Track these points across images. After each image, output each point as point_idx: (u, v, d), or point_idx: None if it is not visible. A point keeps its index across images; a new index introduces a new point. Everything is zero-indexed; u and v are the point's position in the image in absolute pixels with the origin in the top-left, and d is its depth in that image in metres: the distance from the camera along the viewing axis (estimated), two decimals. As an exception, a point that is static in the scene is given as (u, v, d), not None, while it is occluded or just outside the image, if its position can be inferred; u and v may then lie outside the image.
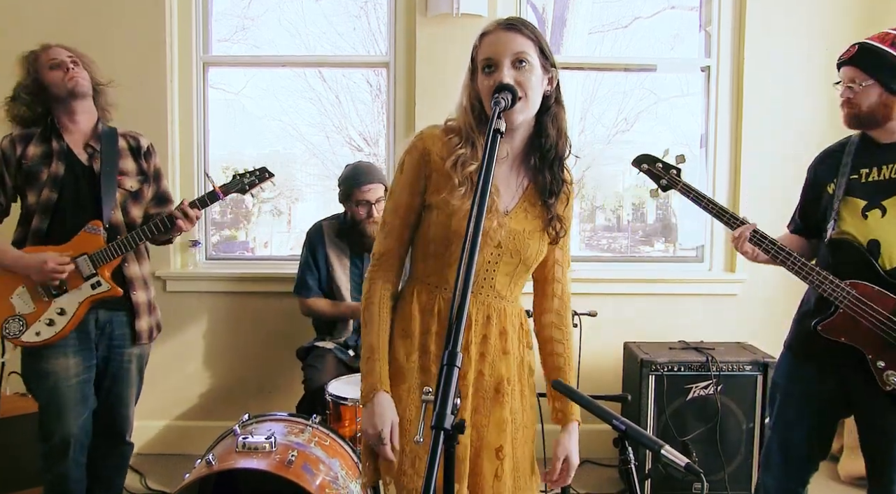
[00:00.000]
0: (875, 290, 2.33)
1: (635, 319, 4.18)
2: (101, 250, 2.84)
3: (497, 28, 1.78)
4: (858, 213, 2.41)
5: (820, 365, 2.49)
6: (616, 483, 3.85)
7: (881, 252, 2.36)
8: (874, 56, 2.35)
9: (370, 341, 1.87)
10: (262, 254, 4.86)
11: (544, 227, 1.88)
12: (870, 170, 2.43)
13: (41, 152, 2.87)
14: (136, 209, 3.02)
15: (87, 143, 2.93)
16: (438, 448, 1.19)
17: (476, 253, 1.34)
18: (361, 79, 4.79)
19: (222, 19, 4.56)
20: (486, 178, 1.42)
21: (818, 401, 2.53)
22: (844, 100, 2.43)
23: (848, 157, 2.49)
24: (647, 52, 4.74)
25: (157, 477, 3.85)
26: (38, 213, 2.83)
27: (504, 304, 1.89)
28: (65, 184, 2.85)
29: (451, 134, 1.85)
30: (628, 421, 1.64)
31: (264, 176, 3.07)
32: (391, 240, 1.90)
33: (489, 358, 1.86)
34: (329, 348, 3.58)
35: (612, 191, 5.09)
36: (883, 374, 2.31)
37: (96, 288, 2.86)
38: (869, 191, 2.41)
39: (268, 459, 2.36)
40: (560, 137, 1.87)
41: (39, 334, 2.82)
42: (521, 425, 1.92)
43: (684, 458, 1.54)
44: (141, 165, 3.05)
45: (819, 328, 2.40)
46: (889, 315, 2.31)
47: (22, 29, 3.91)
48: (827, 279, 2.37)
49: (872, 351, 2.33)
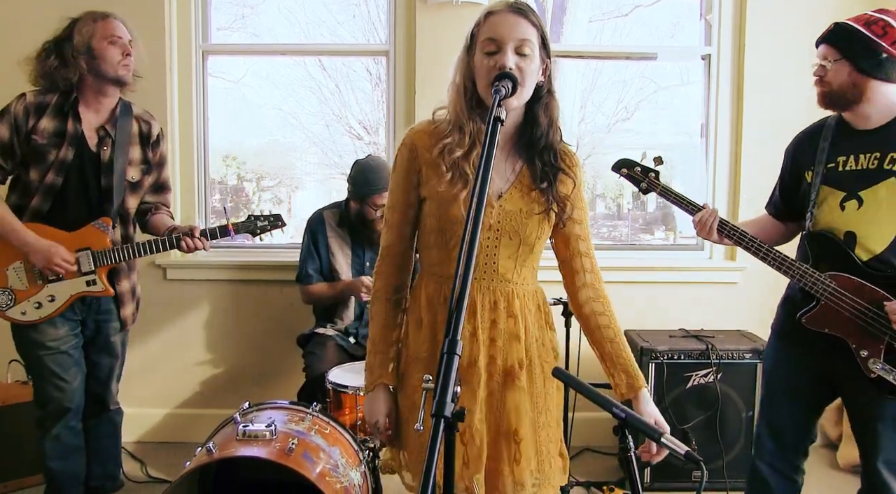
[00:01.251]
0: (855, 281, 2.35)
1: (635, 307, 4.18)
2: (105, 250, 2.85)
3: (505, 9, 1.78)
4: (836, 204, 2.41)
5: (805, 350, 2.51)
6: (616, 471, 3.86)
7: (858, 243, 2.37)
8: (846, 34, 2.34)
9: (372, 335, 1.95)
10: (262, 243, 4.84)
11: (545, 209, 1.88)
12: (847, 158, 2.42)
13: (53, 129, 2.81)
14: (132, 199, 3.02)
15: (101, 126, 2.90)
16: (438, 435, 1.20)
17: (476, 241, 1.34)
18: (361, 67, 4.78)
19: (221, 7, 4.54)
20: (486, 166, 1.42)
21: (804, 385, 2.56)
22: (817, 79, 2.42)
23: (825, 143, 2.48)
24: (647, 40, 4.73)
25: (158, 465, 3.86)
26: (40, 194, 2.82)
27: (511, 288, 1.89)
28: (70, 169, 2.83)
29: (439, 122, 1.89)
30: (628, 409, 1.64)
31: (277, 223, 3.14)
32: (392, 235, 1.96)
33: (500, 343, 1.87)
34: (330, 335, 3.59)
35: (612, 179, 5.07)
36: (867, 362, 2.33)
37: (91, 285, 2.87)
38: (847, 181, 2.40)
39: (268, 447, 2.37)
40: (551, 127, 1.88)
41: (25, 314, 2.84)
42: (544, 408, 1.92)
43: (684, 446, 1.54)
44: (147, 154, 3.03)
45: (803, 320, 2.42)
46: (868, 305, 2.33)
47: (21, 14, 3.90)
48: (807, 273, 2.39)
49: (855, 340, 2.36)
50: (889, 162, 2.33)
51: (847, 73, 2.34)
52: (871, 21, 2.32)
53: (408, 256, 1.99)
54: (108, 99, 2.90)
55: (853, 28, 2.34)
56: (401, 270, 1.98)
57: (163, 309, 4.17)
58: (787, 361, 2.61)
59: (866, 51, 2.32)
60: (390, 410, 1.93)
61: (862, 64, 2.32)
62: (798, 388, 2.57)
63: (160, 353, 4.20)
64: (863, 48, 2.32)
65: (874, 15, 2.34)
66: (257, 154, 4.98)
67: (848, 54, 2.33)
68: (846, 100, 2.38)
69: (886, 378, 2.30)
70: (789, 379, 2.59)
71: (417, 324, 1.93)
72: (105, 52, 2.79)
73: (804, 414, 2.60)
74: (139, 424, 4.19)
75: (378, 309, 1.96)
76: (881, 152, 2.35)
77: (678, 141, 4.79)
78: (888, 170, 2.33)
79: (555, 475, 1.94)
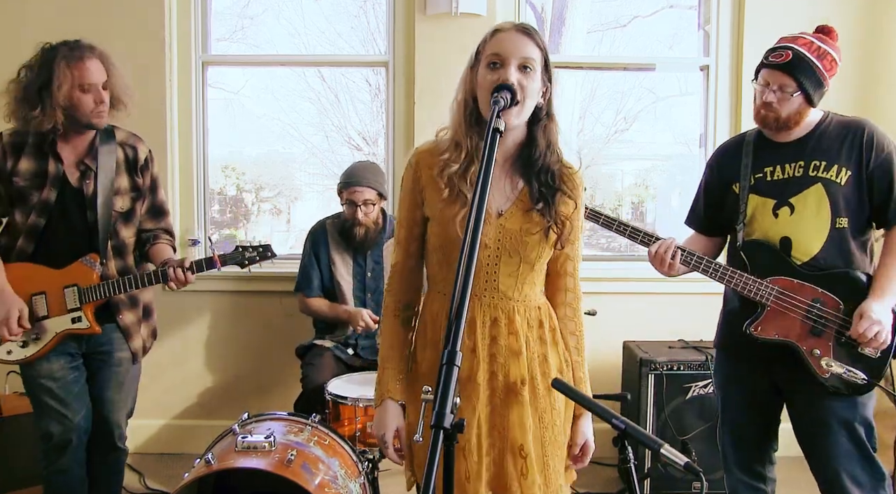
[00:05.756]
0: (795, 283, 2.44)
1: (635, 318, 4.17)
2: (92, 287, 2.77)
3: (512, 29, 1.83)
4: (769, 212, 2.50)
5: (751, 362, 2.57)
6: (615, 482, 3.85)
7: (794, 247, 2.45)
8: (807, 68, 2.39)
9: (382, 351, 1.99)
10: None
11: (545, 229, 1.89)
12: (773, 168, 2.51)
13: (33, 170, 2.74)
14: (126, 230, 2.90)
15: (80, 160, 2.80)
16: (438, 446, 1.19)
17: (475, 254, 1.35)
18: (361, 78, 4.79)
19: (221, 18, 4.56)
20: (485, 174, 1.43)
21: (757, 397, 2.60)
22: (766, 103, 2.44)
23: (748, 158, 2.56)
24: (645, 51, 4.74)
25: (157, 477, 3.85)
26: (24, 235, 2.74)
27: (512, 304, 1.90)
28: (53, 209, 2.75)
29: (440, 144, 1.92)
30: (628, 420, 1.64)
31: (266, 254, 3.00)
32: (400, 252, 2.00)
33: (500, 360, 1.88)
34: (328, 346, 3.59)
35: (611, 189, 5.09)
36: (820, 361, 2.38)
37: (76, 322, 2.78)
38: (776, 189, 2.49)
39: (267, 458, 2.36)
40: (548, 149, 1.90)
41: (11, 353, 2.76)
42: (550, 423, 1.93)
43: (684, 457, 1.54)
44: (135, 181, 2.91)
45: (751, 330, 2.47)
46: (810, 302, 2.41)
47: (21, 27, 3.91)
48: (749, 280, 2.46)
49: (805, 342, 2.42)
50: (813, 169, 2.44)
51: (798, 103, 2.42)
52: (822, 54, 2.41)
53: (416, 273, 2.02)
54: (84, 135, 2.81)
55: (812, 62, 2.40)
56: (409, 287, 2.01)
57: (162, 320, 4.12)
58: (735, 374, 2.67)
59: (818, 85, 2.42)
60: (399, 425, 1.93)
61: (812, 96, 2.41)
62: (750, 400, 2.62)
63: (158, 364, 4.18)
64: (815, 82, 2.41)
65: (822, 47, 2.42)
66: (257, 164, 4.98)
67: (804, 88, 2.39)
68: (787, 126, 2.46)
69: (839, 373, 2.35)
70: (741, 392, 2.64)
71: (424, 340, 1.96)
72: (79, 103, 2.69)
73: (761, 424, 2.64)
74: (138, 435, 4.17)
75: (387, 326, 2.00)
76: (804, 161, 2.46)
77: (677, 151, 4.80)
78: (813, 177, 2.44)
79: (563, 490, 1.95)
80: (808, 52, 2.40)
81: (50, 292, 2.77)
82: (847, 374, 2.33)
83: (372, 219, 3.58)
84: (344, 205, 3.62)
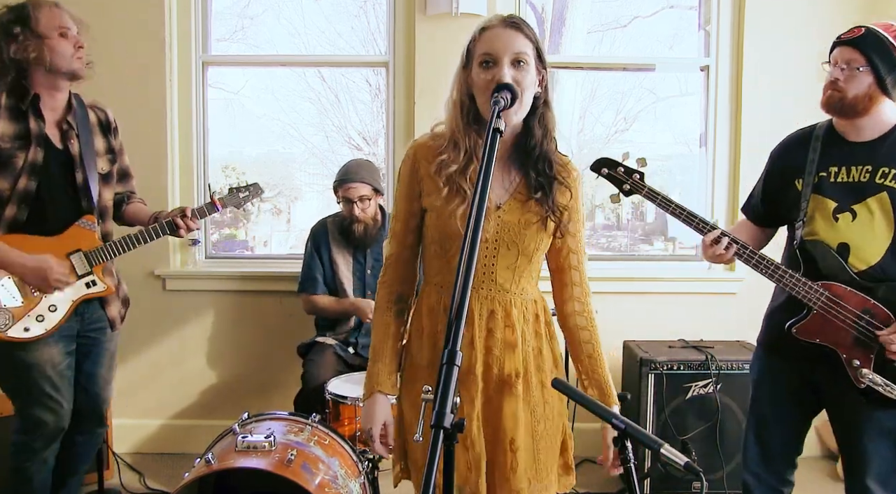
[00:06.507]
0: (847, 290, 2.31)
1: (635, 318, 4.17)
2: (97, 249, 2.76)
3: (499, 24, 1.81)
4: (829, 215, 2.37)
5: (791, 362, 2.49)
6: (615, 482, 3.84)
7: (851, 254, 2.34)
8: (878, 43, 2.26)
9: (373, 344, 1.97)
10: (262, 253, 4.87)
11: (543, 219, 1.88)
12: (839, 170, 2.37)
13: (14, 132, 2.62)
14: (107, 192, 2.88)
15: (60, 120, 2.74)
16: (438, 446, 1.19)
17: (476, 253, 1.35)
18: (361, 78, 4.79)
19: (221, 18, 4.56)
20: (485, 176, 1.42)
21: (791, 398, 2.54)
22: (832, 81, 2.31)
23: (815, 154, 2.42)
24: (646, 51, 4.74)
25: (157, 477, 3.85)
26: (15, 203, 2.64)
27: (509, 297, 1.90)
28: (42, 171, 2.66)
29: (437, 138, 1.91)
30: (628, 420, 1.64)
31: (257, 192, 3.15)
32: (395, 244, 1.98)
33: (496, 352, 1.88)
34: (330, 344, 3.60)
35: (611, 189, 5.07)
36: (858, 372, 2.30)
37: (91, 287, 2.78)
38: (839, 193, 2.36)
39: (267, 458, 2.36)
40: (545, 137, 1.89)
41: (28, 330, 2.66)
42: (543, 417, 1.93)
43: (684, 457, 1.54)
44: (110, 143, 2.91)
45: (794, 330, 2.39)
46: (860, 312, 2.30)
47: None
48: (800, 281, 2.34)
49: (847, 350, 2.32)
50: (881, 176, 2.30)
51: (868, 84, 2.26)
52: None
53: (411, 266, 2.00)
54: (60, 93, 2.74)
55: (888, 40, 2.26)
56: (403, 280, 2.00)
57: (162, 320, 4.16)
58: (772, 373, 2.59)
59: (893, 67, 2.26)
60: (387, 419, 1.94)
61: (884, 78, 2.26)
62: (784, 400, 2.55)
63: (159, 364, 4.19)
64: (890, 63, 2.26)
65: None
66: (257, 164, 4.98)
67: (874, 65, 2.25)
68: (854, 111, 2.31)
69: (875, 388, 2.28)
70: (775, 391, 2.57)
71: (419, 333, 1.95)
72: (56, 47, 2.62)
73: (790, 426, 2.58)
74: (137, 435, 4.18)
75: (379, 318, 1.98)
76: (872, 165, 2.31)
77: (677, 151, 4.79)
78: (880, 185, 2.30)
79: (553, 484, 1.95)
80: (886, 32, 2.25)
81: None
82: (885, 389, 2.27)
83: (370, 216, 3.60)
84: (340, 203, 3.64)
